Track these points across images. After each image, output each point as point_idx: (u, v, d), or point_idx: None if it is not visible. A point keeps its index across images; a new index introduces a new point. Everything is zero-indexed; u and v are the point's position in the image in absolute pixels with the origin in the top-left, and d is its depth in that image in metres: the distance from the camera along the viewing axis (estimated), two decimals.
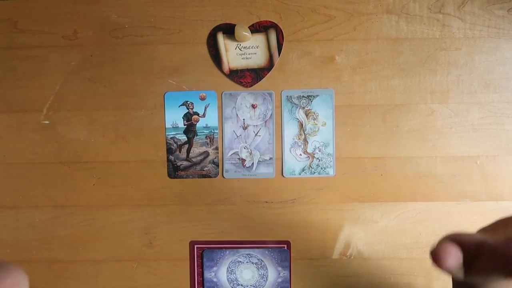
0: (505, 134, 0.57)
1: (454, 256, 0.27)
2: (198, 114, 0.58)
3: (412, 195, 0.57)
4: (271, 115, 0.58)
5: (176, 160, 0.58)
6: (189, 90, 0.58)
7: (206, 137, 0.58)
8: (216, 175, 0.58)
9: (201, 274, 0.58)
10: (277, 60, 0.57)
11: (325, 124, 0.57)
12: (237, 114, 0.58)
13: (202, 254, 0.58)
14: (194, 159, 0.58)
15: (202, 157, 0.58)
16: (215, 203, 0.58)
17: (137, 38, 0.58)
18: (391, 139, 0.57)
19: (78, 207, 0.58)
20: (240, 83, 0.57)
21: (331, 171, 0.57)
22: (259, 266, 0.57)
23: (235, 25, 0.56)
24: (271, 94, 0.57)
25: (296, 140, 0.58)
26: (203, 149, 0.58)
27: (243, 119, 0.58)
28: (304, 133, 0.58)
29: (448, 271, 0.28)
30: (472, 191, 0.57)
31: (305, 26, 0.57)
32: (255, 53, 0.57)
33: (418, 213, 0.57)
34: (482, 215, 0.57)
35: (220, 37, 0.57)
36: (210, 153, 0.58)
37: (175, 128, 0.58)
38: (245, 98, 0.58)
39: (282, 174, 0.58)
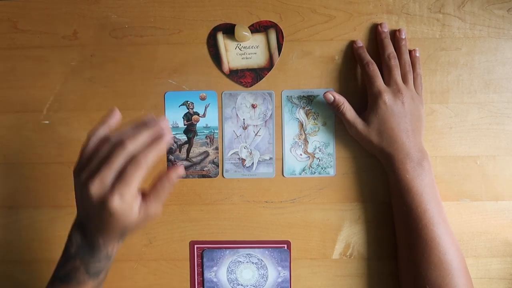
0: (505, 134, 0.57)
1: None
2: (198, 114, 0.58)
3: None
4: (271, 115, 0.58)
5: (176, 160, 0.58)
6: (189, 90, 0.58)
7: (206, 137, 0.58)
8: (216, 175, 0.58)
9: (201, 274, 0.58)
10: (277, 60, 0.57)
11: (325, 124, 0.58)
12: (237, 114, 0.58)
13: (202, 254, 0.58)
14: (194, 159, 0.58)
15: (202, 157, 0.58)
16: (215, 203, 0.58)
17: (137, 38, 0.58)
18: None
19: None
20: (240, 83, 0.57)
21: (331, 171, 0.57)
22: (259, 266, 0.57)
23: (235, 25, 0.56)
24: (271, 94, 0.58)
25: (297, 140, 0.58)
26: (203, 149, 0.58)
27: (243, 119, 0.58)
28: (305, 133, 0.58)
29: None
30: (471, 191, 0.57)
31: (305, 26, 0.57)
32: (255, 53, 0.57)
33: None
34: (481, 215, 0.57)
35: (220, 37, 0.57)
36: (210, 153, 0.58)
37: (175, 128, 0.58)
38: (245, 98, 0.58)
39: (282, 174, 0.58)
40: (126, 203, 0.38)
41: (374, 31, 0.57)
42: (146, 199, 0.41)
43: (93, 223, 0.40)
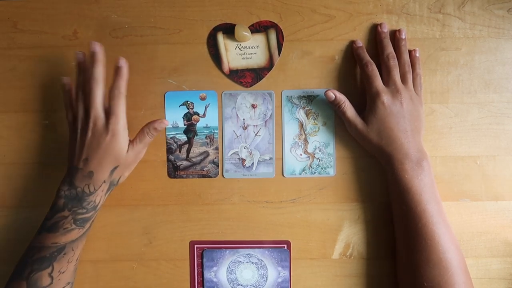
0: (505, 134, 0.57)
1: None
2: (198, 114, 0.58)
3: None
4: (271, 115, 0.58)
5: (176, 160, 0.58)
6: (189, 90, 0.58)
7: (206, 137, 0.58)
8: (216, 175, 0.58)
9: (201, 274, 0.58)
10: (277, 60, 0.57)
11: (325, 124, 0.58)
12: (237, 114, 0.58)
13: (202, 254, 0.58)
14: (194, 159, 0.58)
15: (202, 157, 0.58)
16: (215, 203, 0.58)
17: (137, 38, 0.58)
18: None
19: None
20: (240, 83, 0.57)
21: (331, 171, 0.57)
22: (259, 266, 0.57)
23: (235, 25, 0.56)
24: (271, 94, 0.58)
25: (297, 140, 0.58)
26: (203, 149, 0.58)
27: (243, 119, 0.58)
28: (305, 133, 0.58)
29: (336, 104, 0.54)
30: (471, 191, 0.57)
31: (305, 26, 0.57)
32: (255, 53, 0.57)
33: None
34: (481, 215, 0.57)
35: (220, 37, 0.57)
36: (210, 153, 0.58)
37: (175, 128, 0.58)
38: (245, 98, 0.58)
39: (282, 174, 0.58)
40: (122, 126, 0.50)
41: (374, 31, 0.57)
42: (133, 142, 0.53)
43: (93, 153, 0.50)
